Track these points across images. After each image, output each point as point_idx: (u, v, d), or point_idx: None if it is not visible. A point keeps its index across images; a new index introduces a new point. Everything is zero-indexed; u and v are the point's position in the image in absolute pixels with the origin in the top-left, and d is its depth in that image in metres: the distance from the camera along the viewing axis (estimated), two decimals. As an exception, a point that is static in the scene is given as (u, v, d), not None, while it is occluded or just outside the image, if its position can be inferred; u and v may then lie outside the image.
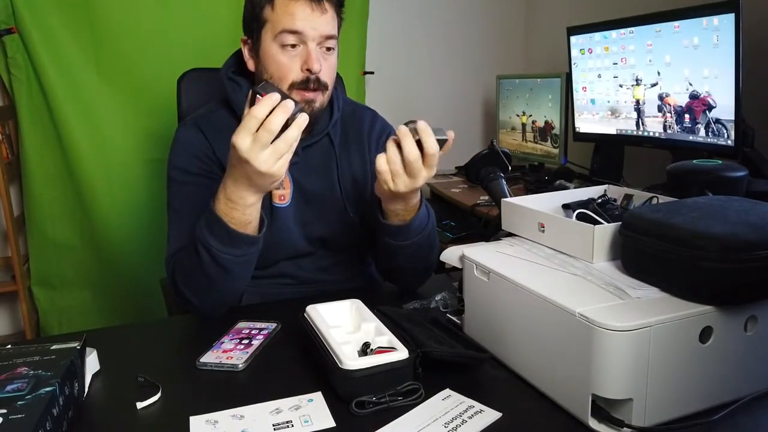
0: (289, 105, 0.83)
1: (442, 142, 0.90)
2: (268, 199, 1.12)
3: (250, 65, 1.12)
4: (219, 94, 1.18)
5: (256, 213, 0.94)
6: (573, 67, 2.19)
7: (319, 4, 1.03)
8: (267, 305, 1.11)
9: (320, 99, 1.08)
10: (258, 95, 0.84)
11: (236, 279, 0.99)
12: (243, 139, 0.83)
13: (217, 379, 0.82)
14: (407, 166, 0.89)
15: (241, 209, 0.92)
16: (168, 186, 1.12)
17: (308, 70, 1.04)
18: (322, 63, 1.05)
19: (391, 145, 0.90)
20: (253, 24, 1.08)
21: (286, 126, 0.84)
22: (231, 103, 1.13)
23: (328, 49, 1.07)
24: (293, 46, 1.04)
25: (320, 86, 1.06)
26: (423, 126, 0.88)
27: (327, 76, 1.07)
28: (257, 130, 0.83)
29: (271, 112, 0.82)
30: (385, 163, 0.90)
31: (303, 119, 0.85)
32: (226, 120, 1.13)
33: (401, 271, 1.11)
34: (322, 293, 1.04)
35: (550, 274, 0.79)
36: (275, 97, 0.83)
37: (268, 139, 0.83)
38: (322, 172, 1.16)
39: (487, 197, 1.71)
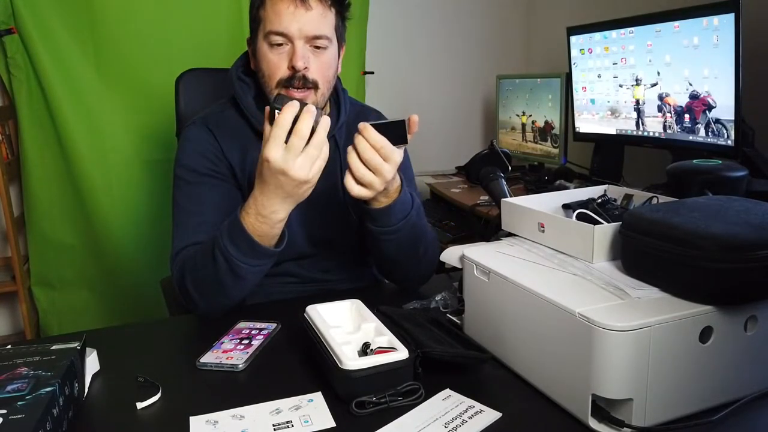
0: (313, 109, 0.84)
1: (400, 124, 0.90)
2: None
3: (252, 64, 1.13)
4: (227, 93, 1.19)
5: (282, 227, 0.96)
6: (573, 67, 2.18)
7: (303, 1, 1.03)
8: (267, 305, 1.12)
9: (311, 98, 1.07)
10: (276, 110, 0.85)
11: (247, 286, 1.01)
12: (275, 151, 0.85)
13: (217, 379, 0.82)
14: (367, 165, 0.90)
15: (271, 224, 0.93)
16: (174, 184, 1.12)
17: (292, 67, 1.04)
18: (310, 61, 1.05)
19: (353, 157, 0.90)
20: (252, 24, 1.10)
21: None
22: (239, 102, 1.14)
23: (319, 47, 1.06)
24: (280, 44, 1.05)
25: (308, 84, 1.06)
26: (361, 127, 0.89)
27: (317, 74, 1.07)
28: (287, 140, 0.84)
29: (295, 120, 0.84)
30: (357, 187, 0.92)
31: (326, 121, 0.86)
32: (235, 120, 1.15)
33: (395, 264, 1.11)
34: (324, 293, 1.04)
35: (550, 274, 0.79)
36: (296, 104, 0.84)
37: (300, 146, 0.85)
38: (326, 174, 1.15)
39: (487, 197, 1.72)
